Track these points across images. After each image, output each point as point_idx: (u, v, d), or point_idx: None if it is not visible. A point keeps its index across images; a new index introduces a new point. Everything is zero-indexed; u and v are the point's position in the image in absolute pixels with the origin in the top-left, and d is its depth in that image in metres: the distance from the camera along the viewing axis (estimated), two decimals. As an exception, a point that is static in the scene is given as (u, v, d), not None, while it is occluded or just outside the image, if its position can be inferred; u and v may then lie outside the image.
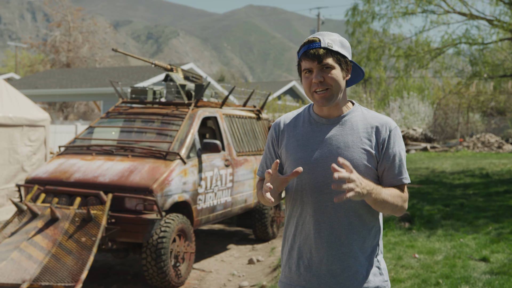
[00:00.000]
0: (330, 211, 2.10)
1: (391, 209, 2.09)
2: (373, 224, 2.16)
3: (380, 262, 2.18)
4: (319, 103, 2.11)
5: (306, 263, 2.14)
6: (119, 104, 7.08)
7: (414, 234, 7.07)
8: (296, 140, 2.20)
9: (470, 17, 14.91)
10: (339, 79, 2.10)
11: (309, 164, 2.12)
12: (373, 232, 2.16)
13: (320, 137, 2.15)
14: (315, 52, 2.06)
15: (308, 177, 2.13)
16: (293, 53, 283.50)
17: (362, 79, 2.28)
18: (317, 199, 2.11)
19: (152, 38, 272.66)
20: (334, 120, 2.16)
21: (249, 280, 6.04)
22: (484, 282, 4.95)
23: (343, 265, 2.09)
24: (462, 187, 11.55)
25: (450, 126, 30.60)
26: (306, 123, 2.21)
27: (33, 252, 4.91)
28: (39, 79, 23.46)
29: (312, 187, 2.12)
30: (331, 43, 2.09)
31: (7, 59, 57.04)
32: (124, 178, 5.51)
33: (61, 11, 36.38)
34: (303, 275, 2.14)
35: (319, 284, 2.11)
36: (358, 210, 2.11)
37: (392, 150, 2.13)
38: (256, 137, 7.79)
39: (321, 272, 2.11)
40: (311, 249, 2.13)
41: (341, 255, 2.10)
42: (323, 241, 2.10)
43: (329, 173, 2.08)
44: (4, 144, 8.60)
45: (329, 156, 2.10)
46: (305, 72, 2.11)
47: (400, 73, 16.57)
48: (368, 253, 2.13)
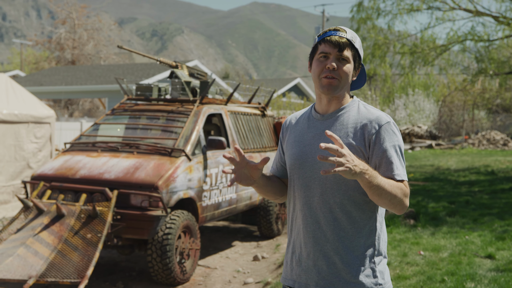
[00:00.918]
0: (316, 206, 2.09)
1: (388, 199, 1.96)
2: (365, 223, 2.08)
3: (377, 264, 2.09)
4: (324, 88, 2.09)
5: (297, 258, 2.15)
6: (124, 101, 7.09)
7: (419, 231, 7.06)
8: (294, 136, 2.23)
9: (475, 14, 14.84)
10: (349, 75, 2.10)
11: (299, 159, 2.14)
12: (366, 231, 2.08)
13: (312, 132, 2.16)
14: (339, 40, 2.07)
15: (297, 172, 2.15)
16: (298, 50, 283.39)
17: (359, 88, 2.28)
18: (305, 193, 2.12)
19: (156, 35, 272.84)
20: (328, 116, 2.15)
21: (254, 276, 6.05)
22: (490, 279, 4.93)
23: (329, 261, 2.07)
24: (467, 185, 11.53)
25: (455, 123, 30.52)
26: (305, 120, 2.23)
27: (39, 248, 4.94)
28: (44, 76, 23.52)
29: (301, 182, 2.13)
30: (354, 39, 2.11)
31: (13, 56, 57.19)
32: (130, 175, 5.52)
33: (66, 8, 36.44)
34: (295, 270, 2.16)
35: (307, 279, 2.11)
36: (346, 207, 2.06)
37: (381, 146, 2.04)
38: (261, 134, 7.79)
39: (308, 267, 2.11)
40: (301, 244, 2.13)
41: (326, 251, 2.07)
42: (309, 236, 2.10)
43: (316, 167, 2.09)
44: (10, 141, 8.64)
45: (317, 151, 2.10)
46: (321, 56, 2.09)
47: (405, 70, 16.52)
48: (359, 253, 2.06)
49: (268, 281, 5.61)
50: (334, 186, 2.07)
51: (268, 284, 5.53)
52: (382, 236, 2.14)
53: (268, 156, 2.00)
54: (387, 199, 1.96)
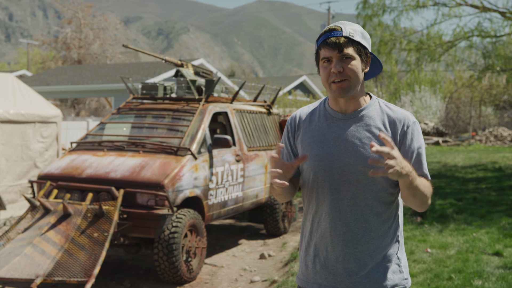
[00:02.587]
0: (346, 209, 2.05)
1: (420, 199, 2.00)
2: (392, 221, 2.09)
3: (401, 259, 2.11)
4: (335, 93, 2.03)
5: (322, 261, 2.10)
6: (130, 100, 7.10)
7: (426, 228, 7.03)
8: (311, 136, 2.14)
9: (482, 10, 14.75)
10: (358, 71, 2.03)
11: (325, 161, 2.07)
12: (393, 229, 2.09)
13: (336, 133, 2.09)
14: (336, 41, 1.99)
15: (324, 175, 2.07)
16: (304, 47, 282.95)
17: (379, 72, 2.21)
18: (333, 197, 2.06)
19: (162, 34, 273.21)
20: (351, 115, 2.09)
21: (260, 275, 6.05)
22: (498, 276, 4.91)
23: (360, 263, 2.04)
24: (475, 181, 11.47)
25: (462, 120, 30.38)
26: (322, 118, 2.14)
27: (46, 247, 4.95)
28: (50, 76, 23.60)
29: (328, 185, 2.07)
30: (353, 32, 2.02)
31: (19, 56, 57.46)
32: (136, 174, 5.53)
33: (72, 8, 36.55)
34: (319, 273, 2.11)
35: (335, 282, 2.07)
36: (376, 208, 2.05)
37: (411, 146, 2.03)
38: (267, 132, 7.78)
39: (337, 270, 2.07)
40: (327, 247, 2.08)
41: (357, 253, 2.05)
42: (339, 239, 2.06)
43: (346, 170, 2.04)
44: (16, 141, 8.67)
45: (345, 153, 2.04)
46: (324, 62, 2.03)
47: (412, 67, 16.45)
48: (387, 251, 2.07)
49: (274, 279, 5.60)
50: (366, 189, 2.04)
51: (275, 282, 5.53)
52: (402, 231, 2.17)
53: (305, 153, 1.99)
54: (419, 199, 2.00)
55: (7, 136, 8.49)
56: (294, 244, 7.16)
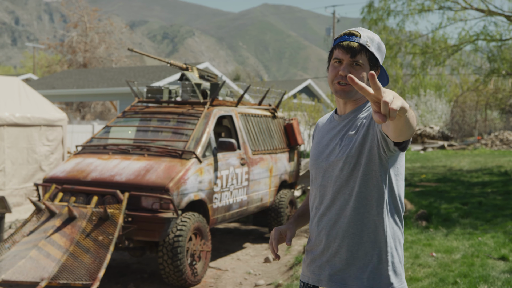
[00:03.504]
0: (330, 205, 2.11)
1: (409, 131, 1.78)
2: (375, 219, 2.05)
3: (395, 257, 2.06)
4: (337, 94, 2.10)
5: (312, 255, 2.18)
6: (135, 104, 7.12)
7: (431, 232, 7.00)
8: (317, 138, 2.28)
9: (488, 13, 14.73)
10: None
11: (316, 160, 2.19)
12: (379, 228, 2.05)
13: (331, 134, 2.19)
14: (351, 46, 2.04)
15: (316, 173, 2.19)
16: (309, 51, 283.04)
17: (385, 85, 2.20)
18: (321, 193, 2.15)
19: (167, 38, 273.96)
20: (345, 116, 2.16)
21: (265, 278, 6.04)
22: (503, 281, 4.88)
23: (342, 260, 2.07)
24: (480, 185, 11.42)
25: (467, 123, 30.30)
26: (327, 122, 2.28)
27: (51, 250, 4.97)
28: (56, 80, 23.70)
29: (319, 182, 2.17)
30: (370, 42, 2.07)
31: (25, 60, 57.74)
32: (141, 177, 5.54)
33: (78, 11, 36.69)
34: (309, 266, 2.19)
35: (320, 275, 2.13)
36: (356, 203, 2.04)
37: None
38: (272, 135, 7.78)
39: (321, 264, 2.12)
40: (316, 241, 2.16)
41: (340, 250, 2.08)
42: (323, 234, 2.12)
43: (329, 169, 2.11)
44: (22, 144, 8.71)
45: (332, 152, 2.13)
46: (335, 61, 2.09)
47: (417, 71, 16.44)
48: (378, 249, 2.04)
49: (279, 283, 5.60)
50: (344, 184, 2.07)
51: (280, 286, 5.52)
52: (398, 231, 2.10)
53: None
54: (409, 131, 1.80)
55: (13, 140, 8.52)
56: (298, 248, 7.15)
